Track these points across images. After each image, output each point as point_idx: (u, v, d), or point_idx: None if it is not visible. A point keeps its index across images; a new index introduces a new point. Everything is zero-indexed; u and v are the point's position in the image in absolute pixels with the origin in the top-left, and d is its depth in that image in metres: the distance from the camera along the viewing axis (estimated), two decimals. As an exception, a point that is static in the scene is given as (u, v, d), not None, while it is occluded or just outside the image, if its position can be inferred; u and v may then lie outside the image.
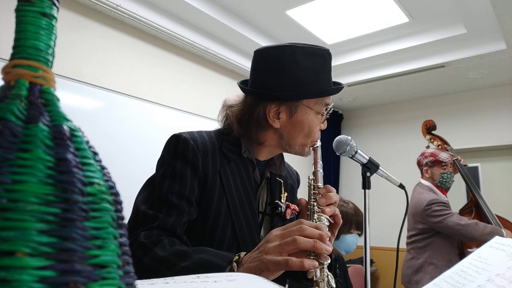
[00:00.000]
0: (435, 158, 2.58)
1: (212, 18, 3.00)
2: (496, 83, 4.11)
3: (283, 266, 0.67)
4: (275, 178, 1.04)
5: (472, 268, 0.74)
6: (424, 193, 2.53)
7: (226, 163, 0.94)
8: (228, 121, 1.00)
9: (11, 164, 0.22)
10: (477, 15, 2.88)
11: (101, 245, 0.24)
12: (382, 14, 3.07)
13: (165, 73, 3.16)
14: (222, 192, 0.91)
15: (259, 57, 0.98)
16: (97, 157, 0.28)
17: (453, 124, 4.34)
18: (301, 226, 0.71)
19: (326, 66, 0.95)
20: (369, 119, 5.11)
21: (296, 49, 0.92)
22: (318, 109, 0.95)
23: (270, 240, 0.71)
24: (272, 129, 0.96)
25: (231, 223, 0.90)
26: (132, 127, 2.78)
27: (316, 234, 0.71)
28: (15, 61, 0.26)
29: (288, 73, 0.92)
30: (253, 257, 0.71)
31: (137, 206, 0.88)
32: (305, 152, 0.99)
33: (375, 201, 4.28)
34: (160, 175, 0.90)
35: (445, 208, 2.42)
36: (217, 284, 0.46)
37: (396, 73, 3.81)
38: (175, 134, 0.93)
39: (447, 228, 2.39)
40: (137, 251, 0.79)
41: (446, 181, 2.57)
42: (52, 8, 0.28)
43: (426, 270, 2.44)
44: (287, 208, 1.00)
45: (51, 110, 0.26)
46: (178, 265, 0.74)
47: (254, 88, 0.96)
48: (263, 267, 0.68)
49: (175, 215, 0.84)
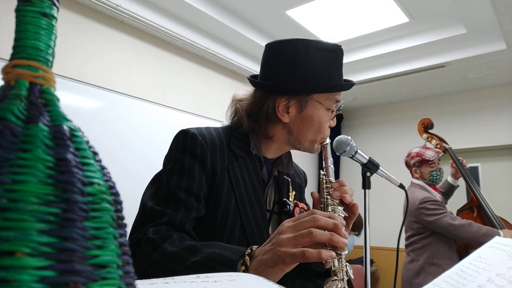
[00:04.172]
0: (421, 158, 2.57)
1: (212, 18, 3.00)
2: (496, 83, 4.11)
3: (299, 258, 0.65)
4: (282, 177, 1.03)
5: (472, 268, 0.74)
6: (416, 191, 2.52)
7: (234, 160, 0.92)
8: (237, 115, 0.99)
9: (11, 164, 0.22)
10: (477, 15, 2.88)
11: (101, 245, 0.24)
12: (382, 14, 3.07)
13: (165, 73, 3.16)
14: (230, 189, 0.89)
15: (270, 50, 0.97)
16: (97, 157, 0.28)
17: (453, 124, 4.34)
18: (315, 216, 0.69)
19: (337, 62, 0.95)
20: (369, 119, 5.12)
21: (309, 43, 0.92)
22: (328, 105, 0.95)
23: (283, 232, 0.69)
24: (281, 124, 0.95)
25: (240, 221, 0.88)
26: (132, 127, 2.78)
27: (330, 223, 0.69)
28: (15, 61, 0.26)
29: (300, 66, 0.91)
30: (266, 250, 0.69)
31: (144, 202, 0.86)
32: (314, 149, 0.98)
33: (375, 201, 4.28)
34: (168, 171, 0.88)
35: (439, 207, 2.40)
36: (217, 284, 0.46)
37: (396, 73, 3.81)
38: (183, 130, 0.92)
39: (440, 228, 2.37)
40: (146, 247, 0.77)
41: (436, 178, 2.56)
42: (52, 8, 0.28)
43: (428, 271, 2.40)
44: (295, 207, 0.99)
45: (51, 110, 0.26)
46: (188, 260, 0.72)
47: (264, 81, 0.96)
48: (277, 259, 0.66)
49: (183, 211, 0.83)
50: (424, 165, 2.56)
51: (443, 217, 2.36)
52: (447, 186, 2.78)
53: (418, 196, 2.46)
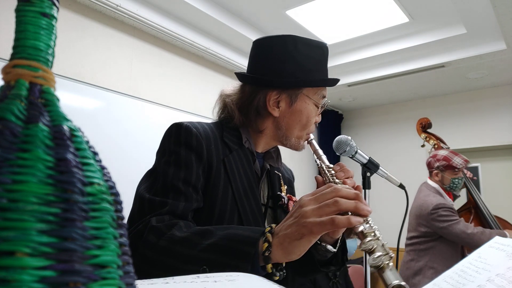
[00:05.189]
0: (448, 163, 2.47)
1: (212, 18, 3.00)
2: (496, 83, 4.11)
3: (328, 226, 0.65)
4: (273, 171, 1.03)
5: (472, 268, 0.74)
6: (431, 196, 2.46)
7: (228, 153, 0.92)
8: (227, 109, 0.98)
9: (11, 164, 0.22)
10: (477, 15, 2.88)
11: (101, 245, 0.24)
12: (382, 14, 3.07)
13: (165, 73, 3.16)
14: (227, 182, 0.88)
15: (260, 45, 0.98)
16: (97, 157, 0.28)
17: (453, 124, 4.33)
18: (335, 187, 0.70)
19: (324, 58, 0.97)
20: (369, 119, 5.11)
21: (297, 39, 0.94)
22: (317, 100, 0.96)
23: (304, 205, 0.69)
24: (271, 117, 0.96)
25: (238, 214, 0.87)
26: (132, 127, 2.78)
27: (352, 193, 0.69)
28: (15, 61, 0.26)
29: (290, 60, 0.92)
30: (289, 224, 0.68)
31: (141, 195, 0.84)
32: (300, 145, 0.98)
33: (375, 201, 4.27)
34: (163, 163, 0.86)
35: (452, 214, 2.36)
36: (217, 284, 0.46)
37: (396, 73, 3.81)
38: (175, 123, 0.91)
39: (452, 235, 2.33)
40: (150, 235, 0.74)
41: (456, 186, 2.49)
42: (52, 8, 0.28)
43: (425, 274, 2.39)
44: (289, 200, 1.00)
45: (51, 110, 0.26)
46: (202, 243, 0.70)
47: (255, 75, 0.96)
48: (304, 230, 0.66)
49: (184, 201, 0.81)
50: (448, 170, 2.47)
51: (455, 224, 2.31)
52: None
53: (432, 201, 2.40)
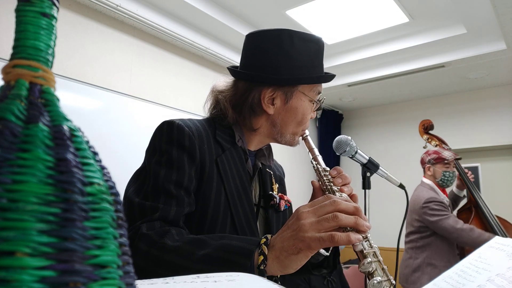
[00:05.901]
0: (438, 156, 2.59)
1: (212, 18, 3.00)
2: (496, 83, 4.11)
3: (327, 242, 0.63)
4: (265, 170, 1.01)
5: (472, 268, 0.74)
6: (424, 191, 2.54)
7: (221, 152, 0.89)
8: (219, 106, 0.95)
9: (11, 164, 0.22)
10: (477, 15, 2.88)
11: (101, 245, 0.24)
12: (382, 14, 3.07)
13: (165, 73, 3.16)
14: (220, 183, 0.85)
15: (253, 40, 0.93)
16: (97, 157, 0.28)
17: (453, 124, 4.33)
18: (335, 200, 0.67)
19: (320, 53, 0.94)
20: (369, 119, 5.11)
21: (293, 33, 0.90)
22: (312, 96, 0.93)
23: (302, 217, 0.66)
24: (266, 115, 0.93)
25: (230, 215, 0.85)
26: (132, 127, 2.78)
27: (351, 207, 0.67)
28: (15, 61, 0.26)
29: (286, 56, 0.88)
30: (287, 237, 0.66)
31: (130, 199, 0.80)
32: (295, 141, 0.96)
33: (375, 201, 4.28)
34: (154, 164, 0.82)
35: (443, 209, 2.42)
36: (217, 284, 0.46)
37: (396, 73, 3.81)
38: (166, 121, 0.87)
39: (442, 229, 2.39)
40: (141, 244, 0.71)
41: (447, 179, 2.58)
42: (52, 8, 0.28)
43: (424, 270, 2.43)
44: (280, 200, 0.98)
45: (51, 110, 0.26)
46: (196, 254, 0.67)
47: (248, 72, 0.92)
48: (302, 245, 0.64)
49: (175, 205, 0.78)
50: (439, 163, 2.58)
51: (445, 219, 2.37)
52: (453, 196, 2.81)
53: (424, 195, 2.49)
